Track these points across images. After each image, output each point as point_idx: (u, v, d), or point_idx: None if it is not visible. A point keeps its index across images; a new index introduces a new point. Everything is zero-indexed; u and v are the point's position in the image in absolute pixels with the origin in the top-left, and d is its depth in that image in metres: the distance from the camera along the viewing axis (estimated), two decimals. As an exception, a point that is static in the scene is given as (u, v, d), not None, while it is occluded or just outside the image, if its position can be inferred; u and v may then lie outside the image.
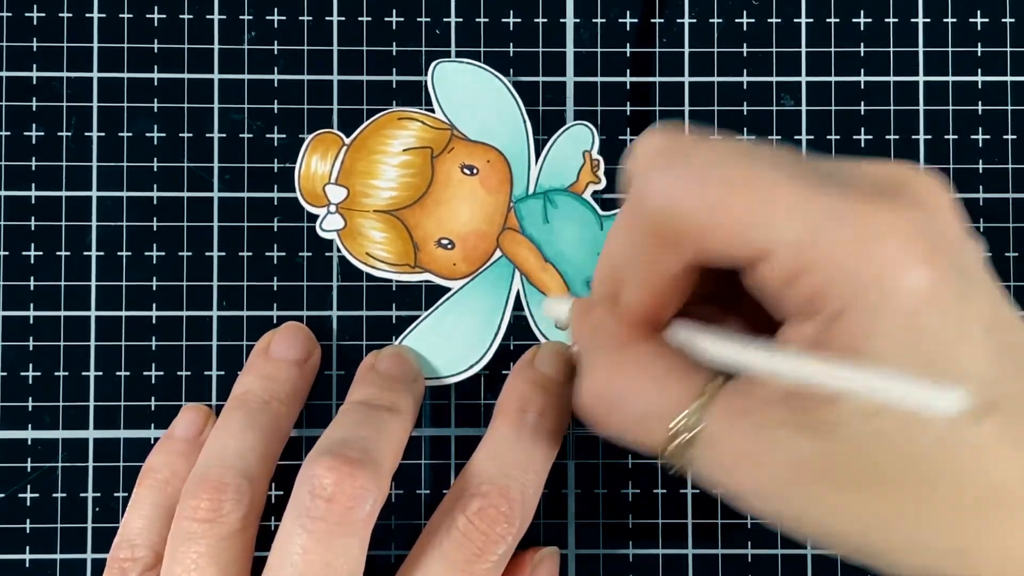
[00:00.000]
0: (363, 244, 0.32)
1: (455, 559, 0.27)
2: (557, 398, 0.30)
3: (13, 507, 0.31)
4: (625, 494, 0.32)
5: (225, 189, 0.32)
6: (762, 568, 0.32)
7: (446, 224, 0.32)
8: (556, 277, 0.32)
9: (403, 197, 0.32)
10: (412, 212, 0.32)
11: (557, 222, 0.32)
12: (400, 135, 0.32)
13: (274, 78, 0.32)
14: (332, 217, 0.31)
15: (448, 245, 0.32)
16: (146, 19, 0.32)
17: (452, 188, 0.32)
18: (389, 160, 0.32)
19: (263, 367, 0.30)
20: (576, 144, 0.32)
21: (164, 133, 0.32)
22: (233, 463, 0.28)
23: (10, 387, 0.32)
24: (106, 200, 0.32)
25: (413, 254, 0.32)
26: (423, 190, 0.32)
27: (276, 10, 0.32)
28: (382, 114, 0.32)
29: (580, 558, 0.32)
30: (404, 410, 0.29)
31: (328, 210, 0.32)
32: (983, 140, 0.32)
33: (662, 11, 0.32)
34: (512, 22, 0.32)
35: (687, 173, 0.21)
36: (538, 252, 0.32)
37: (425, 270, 0.32)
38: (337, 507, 0.26)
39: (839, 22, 0.32)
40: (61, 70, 0.32)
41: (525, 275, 0.32)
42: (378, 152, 0.32)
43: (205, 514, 0.27)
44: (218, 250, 0.32)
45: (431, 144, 0.32)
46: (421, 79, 0.32)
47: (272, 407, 0.30)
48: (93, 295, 0.32)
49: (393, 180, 0.32)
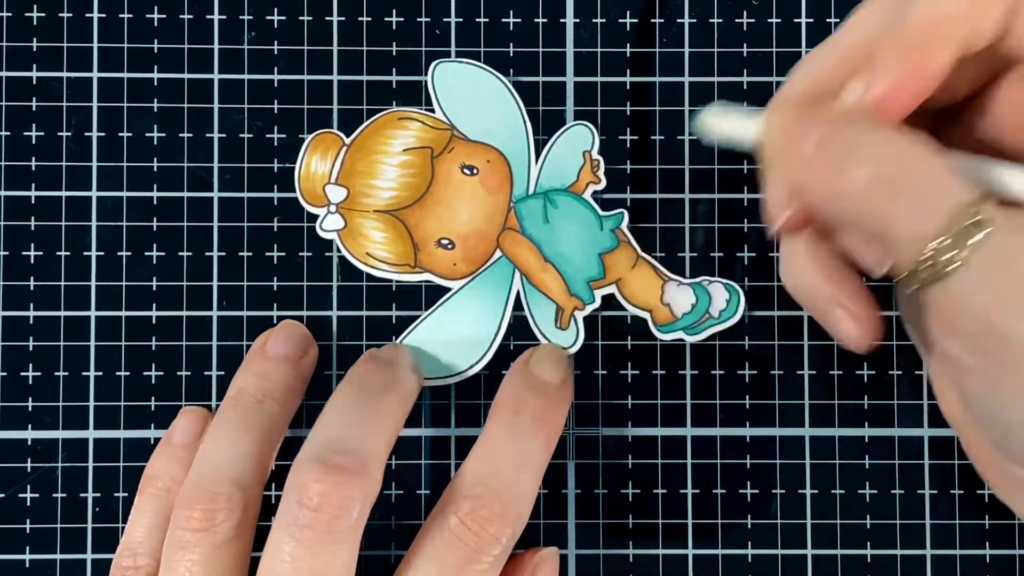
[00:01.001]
0: (363, 244, 0.32)
1: (447, 560, 0.27)
2: (552, 400, 0.29)
3: (13, 507, 0.31)
4: (625, 494, 0.32)
5: (225, 189, 0.32)
6: (762, 568, 0.32)
7: (446, 224, 0.32)
8: (556, 277, 0.32)
9: (403, 197, 0.32)
10: (412, 212, 0.32)
11: (557, 222, 0.32)
12: (400, 135, 0.32)
13: (274, 78, 0.32)
14: (332, 217, 0.31)
15: (448, 245, 0.32)
16: (146, 19, 0.32)
17: (452, 188, 0.32)
18: (389, 160, 0.32)
19: (258, 365, 0.30)
20: (576, 144, 0.32)
21: (164, 133, 0.32)
22: (226, 470, 0.28)
23: (10, 387, 0.32)
24: (106, 200, 0.32)
25: (413, 254, 0.32)
26: (423, 190, 0.32)
27: (276, 10, 0.32)
28: (382, 114, 0.32)
29: (580, 558, 0.32)
30: (401, 384, 0.29)
31: (328, 210, 0.32)
32: (983, 140, 0.32)
33: (662, 11, 0.32)
34: (512, 22, 0.32)
35: None
36: (538, 252, 0.32)
37: (425, 270, 0.32)
38: (324, 516, 0.26)
39: (839, 22, 0.32)
40: (61, 70, 0.32)
41: (525, 275, 0.32)
42: (378, 152, 0.32)
43: (199, 524, 0.27)
44: (218, 250, 0.32)
45: (431, 144, 0.32)
46: (421, 79, 0.32)
47: (266, 406, 0.30)
48: (93, 295, 0.32)
49: (393, 180, 0.32)
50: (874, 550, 0.32)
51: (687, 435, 0.32)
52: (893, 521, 0.32)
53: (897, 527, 0.32)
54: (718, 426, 0.32)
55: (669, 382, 0.32)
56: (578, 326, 0.31)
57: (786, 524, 0.32)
